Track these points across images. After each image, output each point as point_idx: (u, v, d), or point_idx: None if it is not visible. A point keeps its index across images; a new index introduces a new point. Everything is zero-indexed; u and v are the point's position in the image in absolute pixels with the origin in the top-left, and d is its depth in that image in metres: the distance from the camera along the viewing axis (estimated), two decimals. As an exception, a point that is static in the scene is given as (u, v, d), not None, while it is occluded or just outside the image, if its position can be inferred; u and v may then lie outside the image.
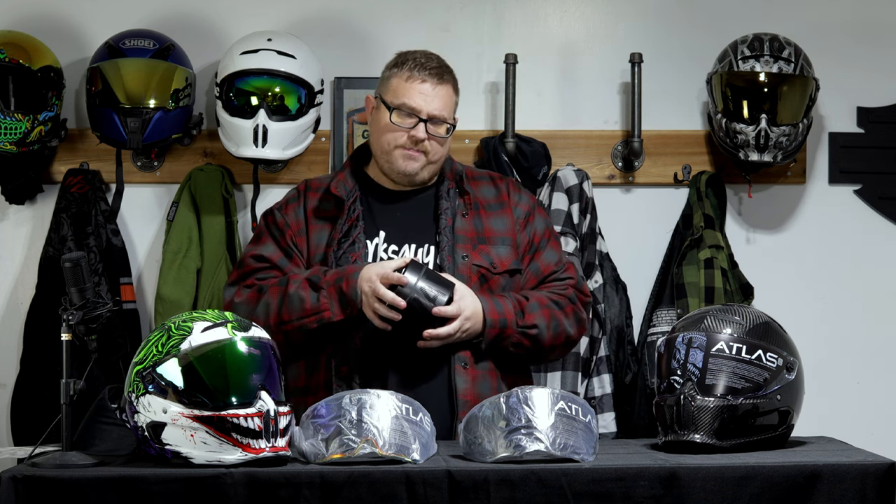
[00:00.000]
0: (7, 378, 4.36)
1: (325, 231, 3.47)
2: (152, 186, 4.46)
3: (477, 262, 3.44)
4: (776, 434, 3.06)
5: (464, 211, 3.49)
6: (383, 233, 3.47)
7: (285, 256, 3.49)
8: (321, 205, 3.51)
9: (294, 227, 3.51)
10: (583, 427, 2.90)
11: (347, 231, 3.44)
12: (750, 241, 4.51)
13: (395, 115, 3.43)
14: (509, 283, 3.47)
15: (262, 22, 4.40)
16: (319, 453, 2.84)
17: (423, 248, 3.45)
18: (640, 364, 4.32)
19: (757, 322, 3.09)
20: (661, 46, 4.47)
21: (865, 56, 4.50)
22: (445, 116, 3.46)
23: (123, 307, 4.30)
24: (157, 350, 2.85)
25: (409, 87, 3.43)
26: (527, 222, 3.54)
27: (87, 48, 4.39)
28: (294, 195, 3.58)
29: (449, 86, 3.48)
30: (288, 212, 3.53)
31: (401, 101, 3.43)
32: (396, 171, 3.47)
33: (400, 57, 3.50)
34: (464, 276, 3.40)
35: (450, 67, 3.51)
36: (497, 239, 3.49)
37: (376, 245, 3.46)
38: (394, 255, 3.44)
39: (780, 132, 4.25)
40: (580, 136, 4.48)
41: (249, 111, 4.19)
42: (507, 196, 3.56)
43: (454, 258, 3.42)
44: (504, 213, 3.53)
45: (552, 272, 3.53)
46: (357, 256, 3.41)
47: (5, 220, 4.45)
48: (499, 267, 3.46)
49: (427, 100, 3.43)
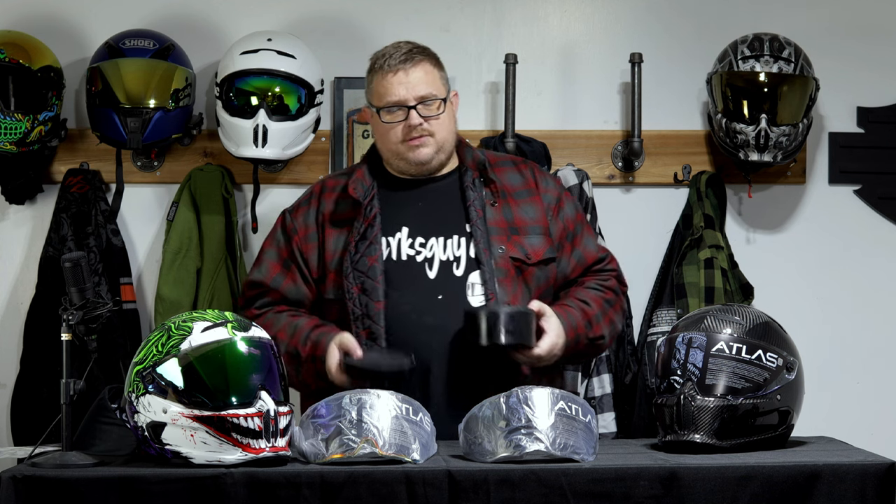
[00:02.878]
0: (7, 378, 4.36)
1: (342, 235, 3.43)
2: (152, 186, 4.46)
3: (513, 255, 3.40)
4: (776, 434, 3.06)
5: (492, 200, 3.44)
6: (406, 228, 3.42)
7: (283, 269, 3.46)
8: (337, 207, 3.47)
9: (301, 232, 3.48)
10: (583, 427, 2.90)
11: (364, 233, 3.40)
12: (750, 241, 4.51)
13: (385, 114, 3.40)
14: (543, 273, 3.44)
15: (262, 22, 4.40)
16: (319, 453, 2.84)
17: (451, 239, 3.40)
18: (640, 364, 4.32)
19: (757, 322, 3.09)
20: (661, 46, 4.47)
21: (865, 56, 4.50)
22: (432, 93, 3.40)
23: (123, 307, 4.30)
24: (157, 350, 2.85)
25: (385, 83, 3.40)
26: (558, 208, 3.50)
27: (87, 48, 4.39)
28: (307, 197, 3.54)
29: (424, 63, 3.42)
30: (298, 216, 3.51)
31: (384, 100, 3.40)
32: (411, 164, 3.42)
33: (372, 59, 3.48)
34: (502, 269, 3.37)
35: (422, 47, 3.46)
36: (529, 228, 3.44)
37: (399, 241, 3.40)
38: (420, 248, 3.39)
39: (780, 132, 4.25)
40: (580, 136, 4.48)
41: (249, 111, 4.19)
42: (534, 182, 3.51)
43: (491, 251, 3.38)
44: (533, 200, 3.48)
45: (598, 260, 3.52)
46: (374, 260, 3.36)
47: (5, 220, 4.45)
48: (533, 258, 3.42)
49: (406, 87, 3.39)
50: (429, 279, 3.38)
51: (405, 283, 3.37)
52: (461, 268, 3.38)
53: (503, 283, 3.37)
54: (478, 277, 3.37)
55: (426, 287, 3.37)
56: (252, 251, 4.42)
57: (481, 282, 3.37)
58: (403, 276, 3.37)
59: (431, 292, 3.37)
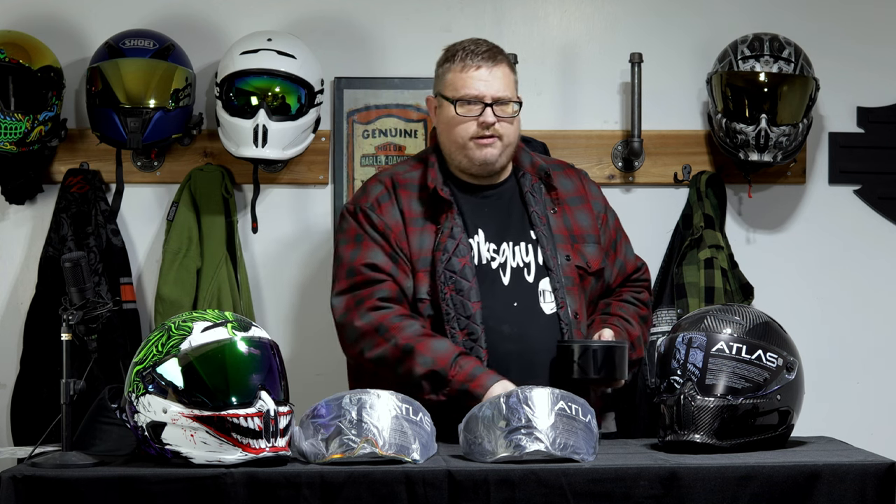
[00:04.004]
0: (7, 378, 4.36)
1: (425, 234, 3.38)
2: (152, 186, 4.46)
3: (577, 263, 3.42)
4: (776, 434, 3.06)
5: (553, 207, 3.44)
6: (482, 231, 3.40)
7: (394, 264, 3.37)
8: (415, 204, 3.42)
9: (395, 229, 3.40)
10: (583, 427, 2.90)
11: (452, 232, 3.36)
12: (750, 241, 4.51)
13: (460, 106, 3.37)
14: (597, 282, 3.47)
15: (262, 22, 4.40)
16: (319, 453, 2.84)
17: (519, 246, 3.40)
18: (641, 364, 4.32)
19: (757, 322, 3.09)
20: (661, 46, 4.47)
21: (865, 56, 4.50)
22: (509, 96, 3.39)
23: (123, 307, 4.30)
24: (157, 350, 2.85)
25: (465, 76, 3.38)
26: (606, 217, 3.54)
27: (87, 48, 4.38)
28: (383, 192, 3.45)
29: (504, 65, 3.42)
30: (383, 212, 3.42)
31: (462, 92, 3.37)
32: (476, 163, 3.39)
33: (449, 51, 3.45)
34: (570, 277, 3.38)
35: (500, 48, 3.47)
36: (586, 237, 3.46)
37: (478, 244, 3.39)
38: (495, 253, 3.38)
39: (780, 132, 4.25)
40: (580, 136, 4.48)
41: (249, 111, 4.19)
42: (584, 189, 3.53)
43: (558, 259, 3.38)
44: (585, 207, 3.49)
45: (637, 269, 3.57)
46: (465, 261, 3.33)
47: (5, 220, 4.45)
48: (592, 267, 3.45)
49: (487, 84, 3.37)
50: (503, 286, 3.37)
51: (483, 289, 3.35)
52: (532, 274, 3.38)
53: (571, 291, 3.38)
54: (548, 284, 3.38)
55: (502, 294, 3.36)
56: (252, 251, 4.42)
57: (551, 289, 3.37)
58: (482, 280, 3.36)
59: (508, 299, 3.36)
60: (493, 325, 3.33)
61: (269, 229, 4.39)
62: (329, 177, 4.43)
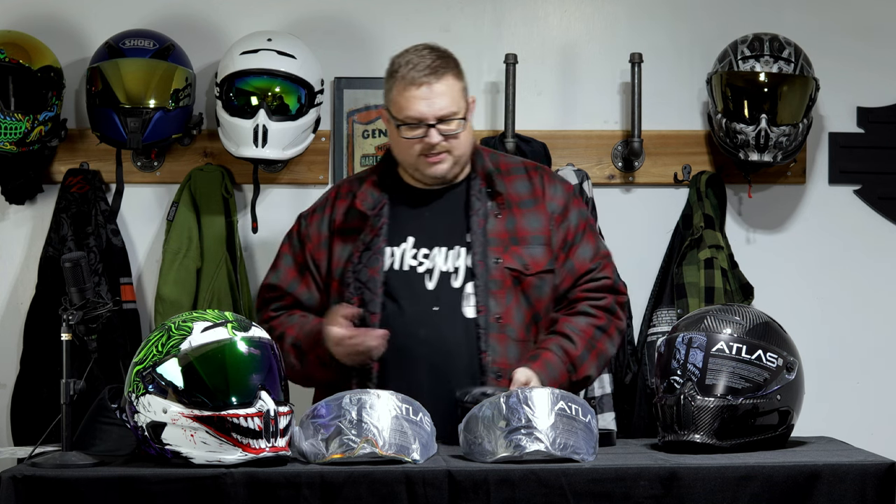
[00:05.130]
0: (7, 378, 4.36)
1: (348, 245, 3.41)
2: (152, 186, 4.46)
3: (509, 266, 3.37)
4: (776, 434, 3.06)
5: (496, 211, 3.41)
6: (412, 238, 3.40)
7: (298, 275, 3.47)
8: (348, 216, 3.45)
9: (315, 239, 3.46)
10: (583, 427, 2.90)
11: (369, 243, 3.39)
12: (750, 241, 4.51)
13: (404, 129, 3.34)
14: (543, 283, 3.40)
15: (262, 22, 4.40)
16: (319, 453, 2.84)
17: (453, 250, 3.38)
18: (640, 364, 4.32)
19: (757, 322, 3.09)
20: (661, 46, 4.47)
21: (865, 56, 4.50)
22: (453, 111, 3.34)
23: (123, 307, 4.30)
24: (157, 350, 2.85)
25: (408, 96, 3.33)
26: (563, 217, 3.45)
27: (87, 48, 4.38)
28: (323, 202, 3.53)
29: (448, 77, 3.35)
30: (312, 222, 3.49)
31: (404, 114, 3.33)
32: (427, 178, 3.40)
33: (393, 64, 3.39)
34: (497, 280, 3.34)
35: (445, 53, 3.39)
36: (530, 238, 3.41)
37: (403, 251, 3.39)
38: (423, 258, 3.38)
39: (780, 132, 4.25)
40: (580, 136, 4.48)
41: (249, 111, 4.19)
42: (541, 191, 3.46)
43: (486, 262, 3.35)
44: (538, 209, 3.44)
45: (588, 270, 3.45)
46: (374, 271, 3.35)
47: (5, 220, 4.45)
48: (532, 268, 3.39)
49: (429, 103, 3.32)
50: (427, 290, 3.37)
51: (404, 294, 3.36)
52: (459, 279, 3.37)
53: (496, 294, 3.35)
54: (471, 288, 3.36)
55: (423, 298, 3.36)
56: (252, 251, 4.42)
57: (474, 293, 3.35)
58: (403, 286, 3.37)
59: (428, 304, 3.36)
60: (410, 330, 3.33)
61: (269, 229, 4.39)
62: (329, 177, 4.43)
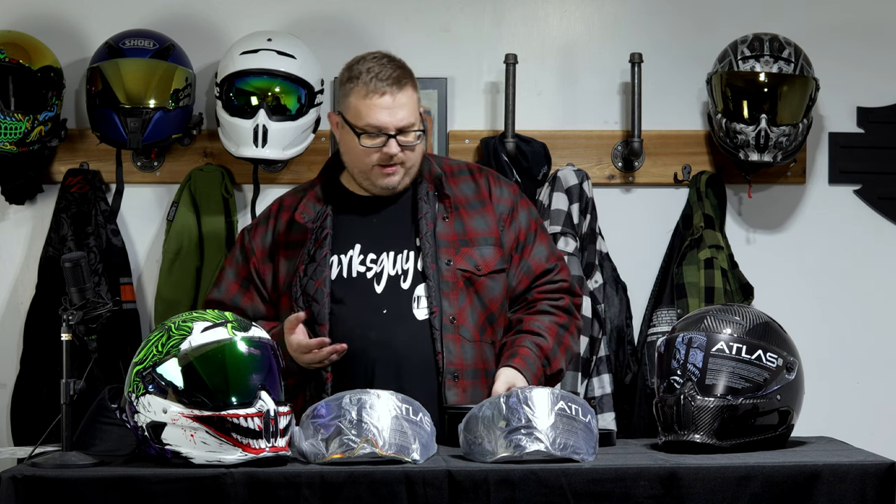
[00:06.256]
0: (7, 378, 4.36)
1: (293, 258, 3.39)
2: (152, 186, 4.46)
3: (461, 267, 3.35)
4: (776, 434, 3.06)
5: (444, 214, 3.39)
6: (359, 245, 3.38)
7: (241, 289, 3.44)
8: (291, 229, 3.42)
9: (259, 253, 3.44)
10: (583, 427, 2.90)
11: (313, 255, 3.36)
12: (750, 241, 4.51)
13: (364, 138, 3.30)
14: (496, 283, 3.39)
15: (262, 22, 4.40)
16: (319, 453, 2.84)
17: (402, 254, 3.36)
18: (640, 364, 4.32)
19: (757, 322, 3.09)
20: (661, 46, 4.47)
21: (865, 56, 4.50)
22: (413, 123, 3.31)
23: (123, 307, 4.30)
24: (157, 350, 2.85)
25: (369, 104, 3.29)
26: (511, 218, 3.43)
27: (87, 48, 4.39)
28: (265, 216, 3.49)
29: (408, 88, 3.32)
30: (256, 236, 3.46)
31: (365, 122, 3.29)
32: (378, 188, 3.37)
33: (353, 70, 3.34)
34: (449, 282, 3.33)
35: (403, 64, 3.37)
36: (480, 239, 3.40)
37: (350, 258, 3.36)
38: (372, 264, 3.36)
39: (780, 132, 4.25)
40: (580, 136, 4.48)
41: (249, 111, 4.19)
42: (486, 192, 3.44)
43: (437, 264, 3.34)
44: (485, 210, 3.43)
45: (545, 272, 3.45)
46: (320, 283, 3.33)
47: (5, 220, 4.45)
48: (483, 269, 3.37)
49: (391, 113, 3.28)
50: (376, 294, 3.35)
51: (353, 300, 3.34)
52: (408, 281, 3.36)
53: (449, 295, 3.34)
54: (423, 290, 3.35)
55: (372, 302, 3.35)
56: (252, 251, 4.42)
57: (426, 295, 3.34)
58: (352, 292, 3.35)
59: (377, 307, 3.35)
60: (360, 333, 3.31)
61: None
62: (329, 177, 4.43)
